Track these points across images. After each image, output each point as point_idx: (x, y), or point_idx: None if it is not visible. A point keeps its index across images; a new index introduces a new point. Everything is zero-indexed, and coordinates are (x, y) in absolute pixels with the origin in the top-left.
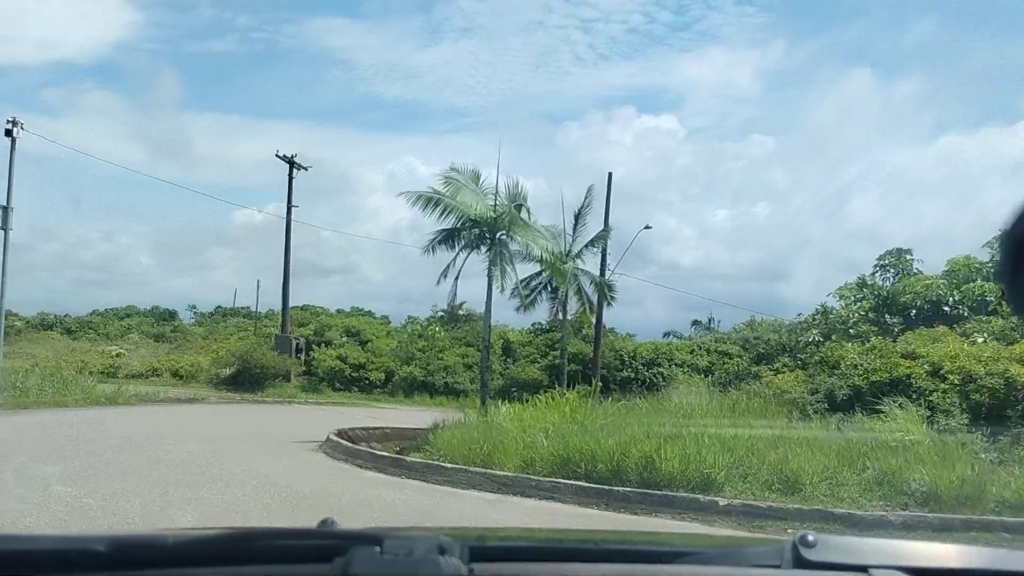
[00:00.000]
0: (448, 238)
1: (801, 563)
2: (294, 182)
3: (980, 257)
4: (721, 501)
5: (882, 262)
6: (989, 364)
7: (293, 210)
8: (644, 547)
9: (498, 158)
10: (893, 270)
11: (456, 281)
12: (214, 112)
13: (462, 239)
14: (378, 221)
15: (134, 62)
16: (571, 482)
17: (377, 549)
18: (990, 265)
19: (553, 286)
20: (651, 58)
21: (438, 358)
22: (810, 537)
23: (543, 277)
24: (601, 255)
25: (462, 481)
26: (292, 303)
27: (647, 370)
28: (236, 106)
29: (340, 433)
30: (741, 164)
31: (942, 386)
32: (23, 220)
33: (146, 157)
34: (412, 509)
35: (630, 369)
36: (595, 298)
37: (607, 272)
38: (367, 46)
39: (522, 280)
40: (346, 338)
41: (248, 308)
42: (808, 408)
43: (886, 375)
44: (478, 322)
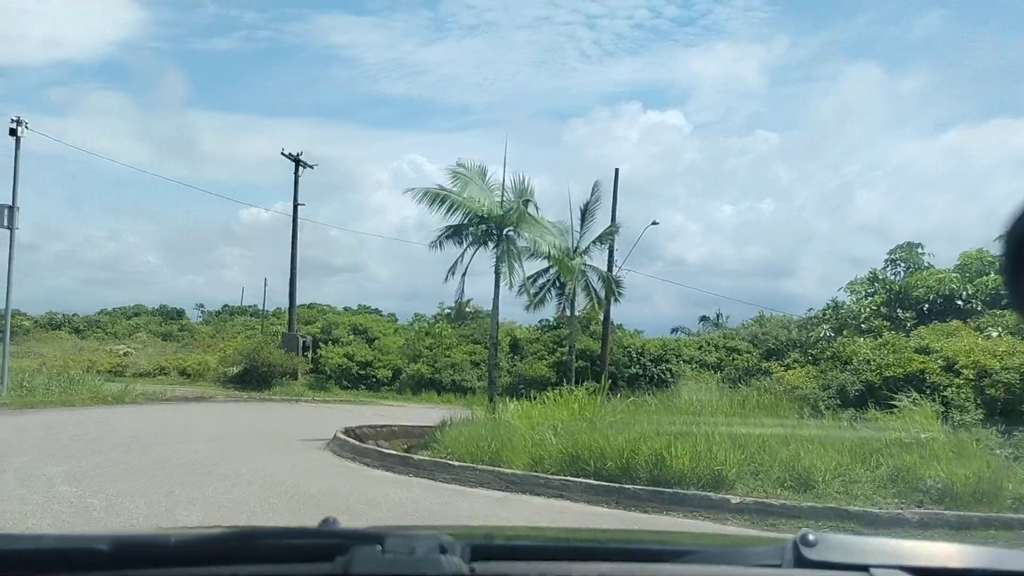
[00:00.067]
0: (455, 234)
1: (802, 562)
2: (300, 180)
3: (993, 251)
4: (733, 499)
5: (893, 256)
6: (1004, 359)
7: (299, 208)
8: (645, 546)
9: (504, 153)
10: (904, 264)
11: (463, 278)
12: (219, 110)
13: (469, 235)
14: (384, 218)
15: (139, 61)
16: (580, 480)
17: (378, 548)
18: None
19: (561, 283)
20: (656, 53)
21: (445, 355)
22: (811, 536)
23: (551, 274)
24: (608, 251)
25: (470, 479)
26: (299, 301)
27: (655, 366)
28: (241, 104)
29: (347, 431)
30: (747, 159)
31: (956, 381)
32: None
33: (152, 156)
34: (420, 508)
35: (638, 366)
36: (603, 294)
37: (614, 268)
38: (372, 43)
39: (529, 277)
40: (353, 336)
41: (255, 307)
42: (820, 404)
43: (899, 370)
44: (485, 319)
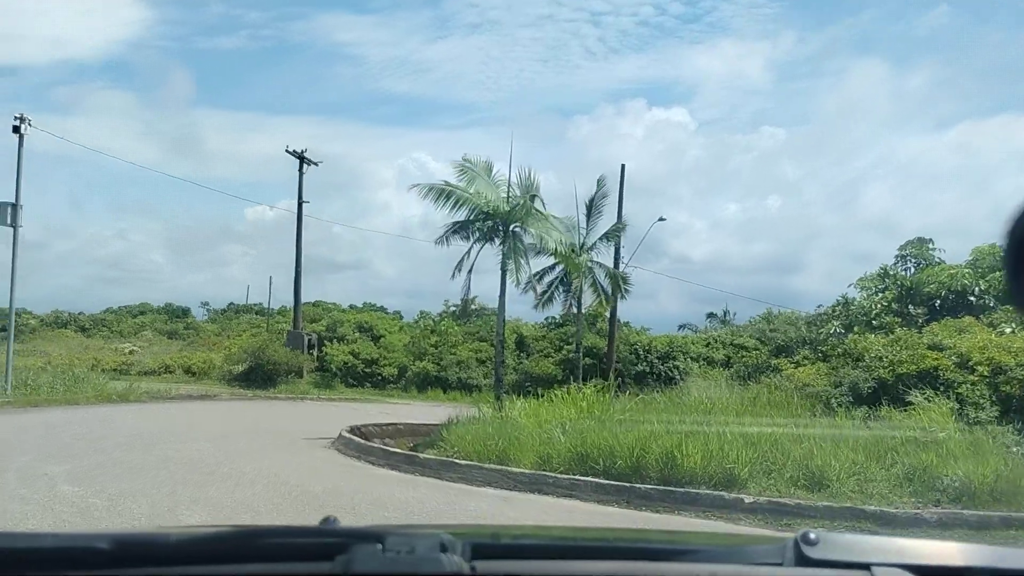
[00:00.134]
0: (462, 229)
1: (803, 561)
2: (304, 178)
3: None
4: (747, 498)
5: (903, 252)
6: (1019, 355)
7: (304, 206)
8: (646, 545)
9: (510, 148)
10: (914, 260)
11: (469, 275)
12: (225, 109)
13: (476, 231)
14: (389, 216)
15: (144, 59)
16: (589, 479)
17: (379, 547)
18: None
19: (568, 280)
20: (661, 50)
21: (451, 353)
22: (812, 535)
23: (557, 271)
24: (615, 248)
25: (477, 478)
26: (304, 299)
27: (662, 364)
28: (246, 102)
29: (352, 429)
30: (752, 156)
31: (971, 378)
32: (37, 219)
33: (158, 155)
34: (426, 508)
35: (645, 363)
36: (610, 291)
37: (620, 265)
38: (376, 41)
39: (535, 274)
40: (358, 334)
41: (261, 305)
42: (832, 401)
43: (913, 367)
44: (491, 317)
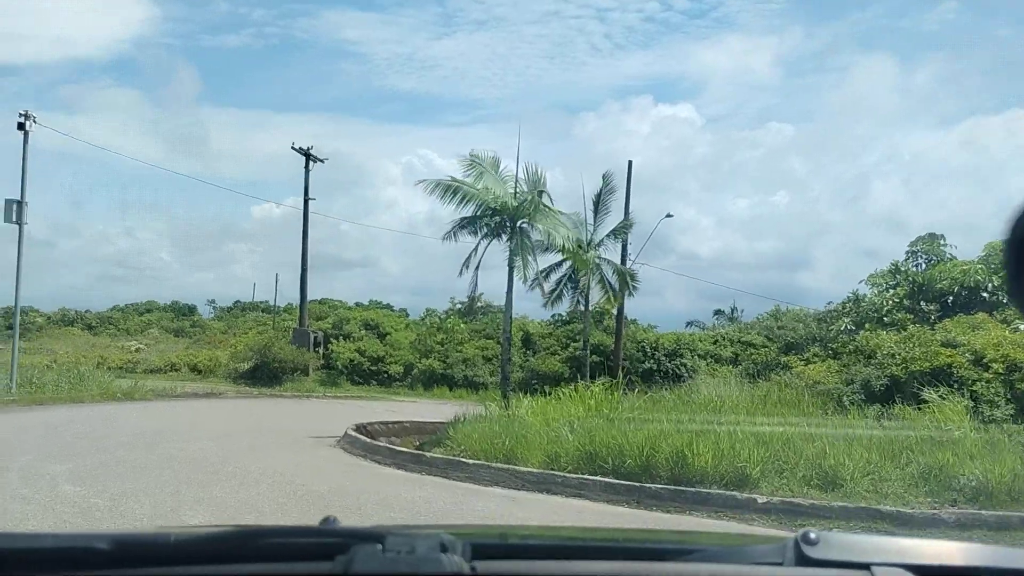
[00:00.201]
0: (469, 224)
1: (803, 560)
2: (311, 175)
3: None
4: (760, 498)
5: (914, 248)
6: None
7: (310, 203)
8: (647, 544)
9: (518, 143)
10: (925, 256)
11: (477, 271)
12: (231, 107)
13: (484, 226)
14: (395, 214)
15: (150, 57)
16: (599, 478)
17: (379, 547)
18: None
19: (575, 277)
20: (668, 46)
21: (457, 351)
22: (812, 534)
23: (565, 268)
24: (622, 245)
25: (484, 478)
26: (310, 297)
27: (669, 361)
28: (252, 100)
29: (358, 428)
30: (760, 152)
31: (985, 375)
32: (44, 217)
33: (164, 153)
34: (434, 508)
35: (652, 360)
36: (617, 288)
37: (627, 262)
38: (381, 38)
39: (541, 271)
40: (364, 331)
41: (267, 302)
42: (844, 399)
43: (926, 364)
44: (497, 314)
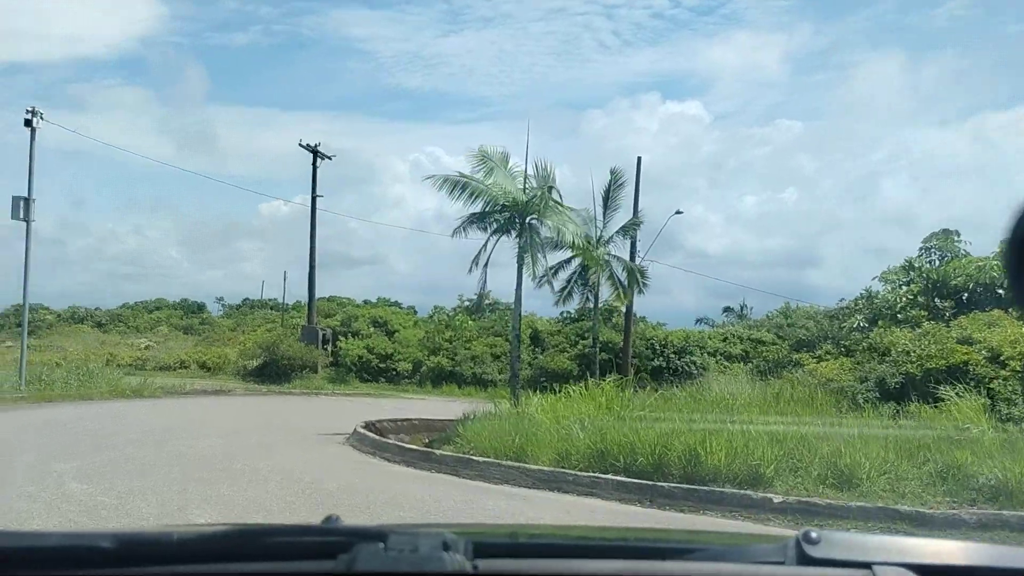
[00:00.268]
0: (479, 220)
1: (805, 559)
2: (318, 172)
3: None
4: (775, 498)
5: (927, 244)
6: None
7: (318, 200)
8: (648, 543)
9: (527, 139)
10: (939, 252)
11: (486, 268)
12: (237, 105)
13: (494, 222)
14: (403, 211)
15: (159, 56)
16: (611, 477)
17: (381, 545)
18: None
19: (585, 274)
20: (676, 43)
21: (465, 348)
22: (813, 534)
23: (574, 266)
24: (631, 242)
25: (495, 476)
26: (319, 294)
27: (679, 358)
28: (259, 98)
29: (367, 425)
30: (768, 149)
31: (1003, 373)
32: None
33: (173, 151)
34: (444, 507)
35: (661, 358)
36: (627, 284)
37: (636, 259)
38: (388, 36)
39: (551, 268)
40: (373, 329)
41: (275, 300)
42: (858, 397)
43: (942, 362)
44: (505, 311)
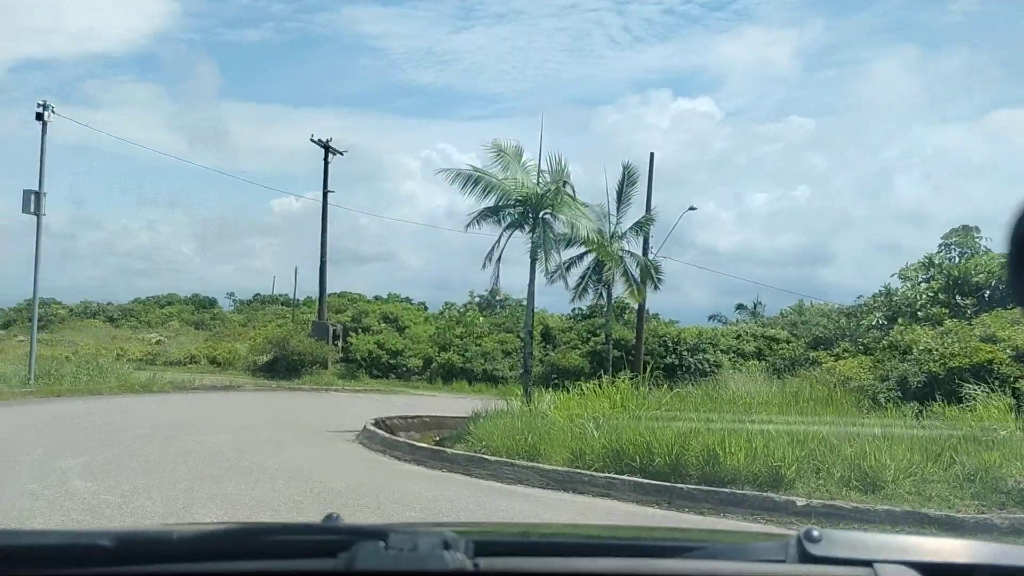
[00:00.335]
0: (492, 214)
1: (806, 558)
2: (329, 169)
3: None
4: (799, 501)
5: (947, 241)
6: None
7: (329, 196)
8: (649, 542)
9: (540, 133)
10: (959, 249)
11: (499, 263)
12: (249, 101)
13: (507, 216)
14: (414, 207)
15: (172, 52)
16: (627, 478)
17: (382, 544)
18: None
19: (599, 270)
20: (687, 39)
21: (476, 344)
22: (815, 532)
23: (587, 261)
24: (644, 238)
25: (507, 475)
26: (329, 290)
27: (692, 356)
28: (271, 95)
29: (377, 422)
30: (780, 146)
31: None
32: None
33: (185, 147)
34: (456, 508)
35: (674, 355)
36: (641, 281)
37: (649, 255)
38: (400, 32)
39: (564, 263)
40: (383, 324)
41: (286, 295)
42: (879, 396)
43: (965, 360)
44: (516, 308)
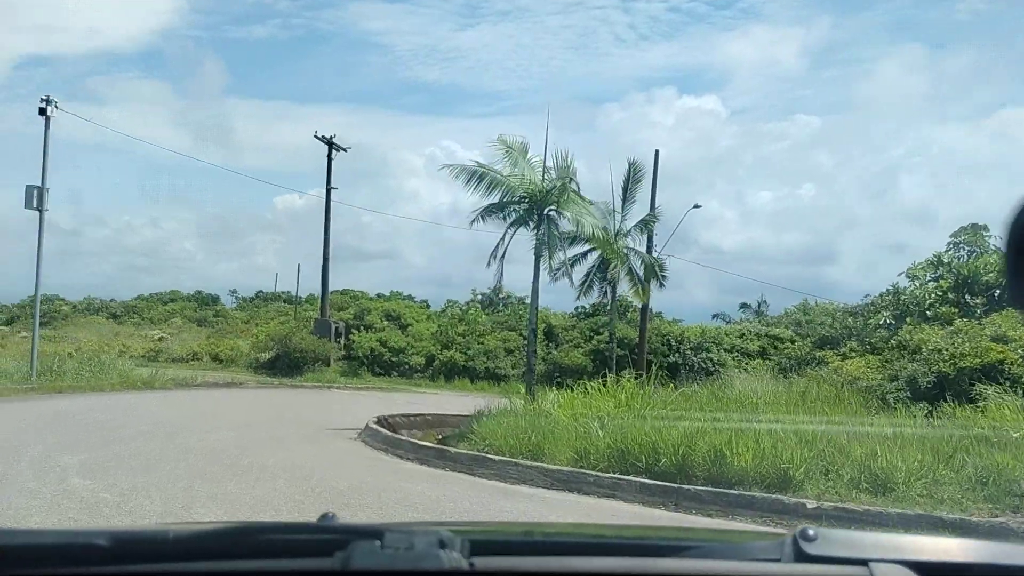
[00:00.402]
0: (497, 210)
1: (801, 557)
2: (333, 165)
3: None
4: (809, 503)
5: (956, 239)
6: None
7: (332, 192)
8: (645, 541)
9: (546, 129)
10: (968, 248)
11: (503, 261)
12: (255, 98)
13: (512, 212)
14: (417, 205)
15: (178, 49)
16: (633, 478)
17: (377, 543)
18: None
19: (603, 268)
20: (693, 37)
21: (479, 342)
22: (810, 531)
23: (591, 259)
24: (648, 236)
25: (511, 475)
26: (332, 287)
27: (695, 355)
28: (276, 91)
29: (379, 420)
30: (786, 144)
31: None
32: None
33: (190, 144)
34: (459, 508)
35: (677, 354)
36: (645, 279)
37: (653, 253)
38: (405, 29)
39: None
40: (386, 322)
41: (289, 293)
42: (888, 396)
43: (976, 360)
44: (519, 306)
